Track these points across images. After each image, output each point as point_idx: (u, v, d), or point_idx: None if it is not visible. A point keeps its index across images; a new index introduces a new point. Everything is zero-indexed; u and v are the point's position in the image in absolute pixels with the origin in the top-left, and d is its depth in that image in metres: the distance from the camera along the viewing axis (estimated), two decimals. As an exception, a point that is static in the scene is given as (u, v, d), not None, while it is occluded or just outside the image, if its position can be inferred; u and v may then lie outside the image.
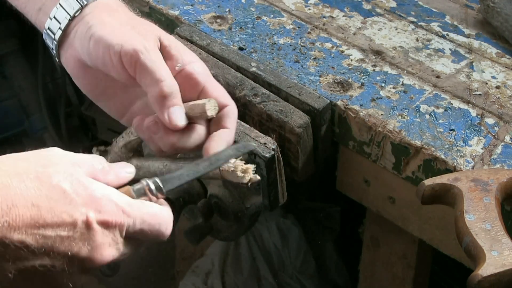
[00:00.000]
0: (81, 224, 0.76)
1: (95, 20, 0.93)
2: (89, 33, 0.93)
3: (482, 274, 0.88)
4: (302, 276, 1.79)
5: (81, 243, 0.77)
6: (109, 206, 0.78)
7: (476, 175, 0.99)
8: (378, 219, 1.37)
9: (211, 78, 0.96)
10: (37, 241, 0.74)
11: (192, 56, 0.96)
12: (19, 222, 0.72)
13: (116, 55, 0.91)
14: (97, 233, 0.78)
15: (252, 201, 1.18)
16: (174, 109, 0.90)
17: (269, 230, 1.80)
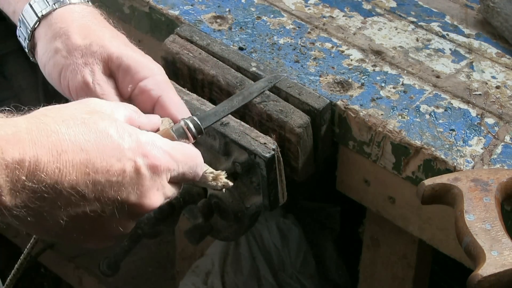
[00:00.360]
0: (130, 169, 0.77)
1: (55, 37, 0.94)
2: (48, 55, 0.94)
3: (482, 274, 0.88)
4: (302, 276, 1.79)
5: (130, 188, 0.77)
6: (156, 151, 0.79)
7: (476, 175, 0.99)
8: (378, 219, 1.37)
9: (167, 92, 0.95)
10: (87, 187, 0.74)
11: (147, 69, 0.95)
12: (69, 168, 0.73)
13: (66, 88, 0.93)
14: (146, 178, 0.79)
15: (252, 201, 1.18)
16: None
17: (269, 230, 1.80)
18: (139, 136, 0.79)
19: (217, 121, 0.92)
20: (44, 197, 0.71)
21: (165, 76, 0.95)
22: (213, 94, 1.23)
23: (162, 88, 0.94)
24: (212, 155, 1.19)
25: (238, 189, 1.18)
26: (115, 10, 1.41)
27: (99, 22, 0.97)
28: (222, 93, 1.21)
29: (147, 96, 0.92)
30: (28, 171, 0.70)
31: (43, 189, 0.71)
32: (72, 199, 0.74)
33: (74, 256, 2.06)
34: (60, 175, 0.72)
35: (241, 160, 1.14)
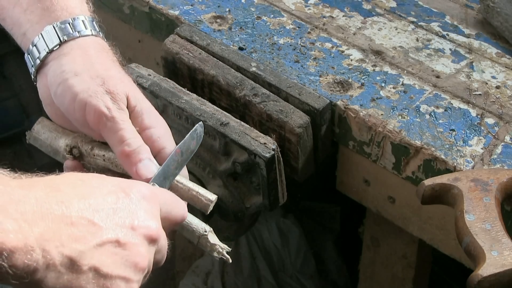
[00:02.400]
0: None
1: (69, 66, 0.94)
2: (60, 78, 0.93)
3: (482, 274, 0.88)
4: (302, 276, 1.79)
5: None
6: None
7: (476, 175, 0.99)
8: (378, 219, 1.37)
9: (170, 144, 0.96)
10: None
11: (155, 119, 0.96)
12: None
13: (80, 111, 0.92)
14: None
15: (252, 201, 1.18)
16: (141, 165, 0.91)
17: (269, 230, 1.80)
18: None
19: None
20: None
21: (168, 128, 0.97)
22: (213, 94, 1.23)
23: (166, 141, 0.95)
24: (212, 155, 1.19)
25: (238, 189, 1.18)
26: (115, 10, 1.41)
27: (116, 59, 1.00)
28: (222, 93, 1.21)
29: (151, 144, 0.94)
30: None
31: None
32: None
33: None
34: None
35: (241, 160, 1.14)
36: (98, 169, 0.95)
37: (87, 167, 0.96)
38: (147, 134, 0.94)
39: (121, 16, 1.41)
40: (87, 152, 0.95)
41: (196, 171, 1.21)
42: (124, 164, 0.92)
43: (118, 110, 0.92)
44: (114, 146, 0.92)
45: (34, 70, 0.97)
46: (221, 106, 1.22)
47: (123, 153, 0.91)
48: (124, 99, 0.93)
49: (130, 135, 0.91)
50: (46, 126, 0.98)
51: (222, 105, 1.22)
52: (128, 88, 0.95)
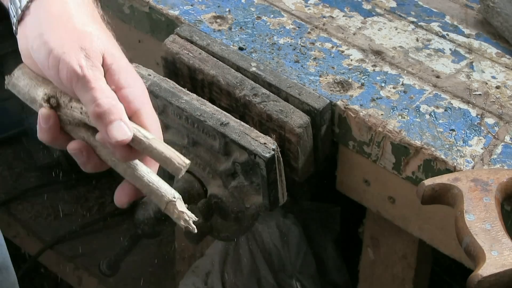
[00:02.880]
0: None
1: (46, 19, 0.93)
2: (36, 32, 0.92)
3: (482, 274, 0.88)
4: (302, 276, 1.79)
5: None
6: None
7: (476, 175, 0.99)
8: (378, 219, 1.37)
9: (146, 106, 0.93)
10: None
11: (132, 79, 0.93)
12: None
13: (54, 68, 0.90)
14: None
15: (252, 201, 1.18)
16: (111, 127, 0.89)
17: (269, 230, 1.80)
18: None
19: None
20: None
21: (145, 89, 0.95)
22: (213, 94, 1.23)
23: (142, 102, 0.92)
24: (212, 155, 1.19)
25: (238, 189, 1.18)
26: (115, 10, 1.41)
27: (97, 14, 0.97)
28: (222, 93, 1.21)
29: (126, 105, 0.91)
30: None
31: None
32: None
33: (74, 256, 2.06)
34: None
35: (241, 160, 1.14)
36: (74, 122, 0.93)
37: (63, 119, 0.93)
38: (122, 93, 0.91)
39: (121, 16, 1.41)
40: (64, 103, 0.93)
41: (196, 171, 1.21)
42: (96, 126, 0.90)
43: (91, 68, 0.89)
44: (86, 106, 0.90)
45: (16, 21, 0.95)
46: (221, 106, 1.22)
47: (94, 113, 0.89)
48: (100, 56, 0.91)
49: (102, 95, 0.89)
50: (27, 73, 0.96)
51: (222, 105, 1.22)
52: (105, 45, 0.92)
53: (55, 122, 0.93)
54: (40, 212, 2.15)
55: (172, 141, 1.22)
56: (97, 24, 0.94)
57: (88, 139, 0.93)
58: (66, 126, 0.94)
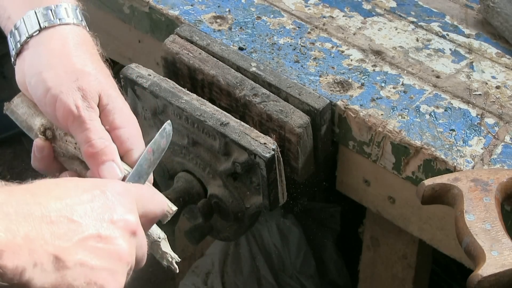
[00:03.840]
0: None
1: (45, 57, 0.93)
2: (35, 69, 0.93)
3: (482, 274, 0.88)
4: (302, 276, 1.79)
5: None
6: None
7: (476, 175, 0.99)
8: (378, 219, 1.37)
9: (139, 146, 0.95)
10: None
11: (126, 120, 0.95)
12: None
13: (51, 106, 0.91)
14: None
15: (252, 201, 1.18)
16: (103, 167, 0.90)
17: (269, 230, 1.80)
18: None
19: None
20: None
21: (139, 129, 0.96)
22: (213, 94, 1.23)
23: (135, 142, 0.94)
24: (212, 155, 1.19)
25: (238, 189, 1.18)
26: (115, 10, 1.41)
27: (96, 52, 0.98)
28: (222, 93, 1.21)
29: (119, 145, 0.93)
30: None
31: None
32: None
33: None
34: None
35: (241, 160, 1.14)
36: (68, 155, 0.94)
37: (57, 151, 0.95)
38: (116, 134, 0.93)
39: (121, 16, 1.41)
40: (60, 136, 0.94)
41: (196, 171, 1.21)
42: (89, 164, 0.92)
43: (87, 108, 0.91)
44: (80, 145, 0.92)
45: (15, 54, 0.96)
46: (221, 106, 1.22)
47: (87, 153, 0.91)
48: (96, 97, 0.92)
49: (95, 136, 0.91)
50: (26, 102, 0.97)
51: (222, 105, 1.22)
52: (102, 85, 0.93)
53: (48, 153, 0.96)
54: (40, 212, 2.15)
55: (172, 141, 1.22)
56: (95, 63, 0.96)
57: (80, 172, 0.96)
58: (60, 157, 0.97)
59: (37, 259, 0.70)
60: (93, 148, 0.90)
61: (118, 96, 0.95)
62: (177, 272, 0.93)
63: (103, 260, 0.75)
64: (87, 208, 0.75)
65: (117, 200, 0.79)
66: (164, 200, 0.89)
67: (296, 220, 1.82)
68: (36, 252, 0.70)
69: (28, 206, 0.71)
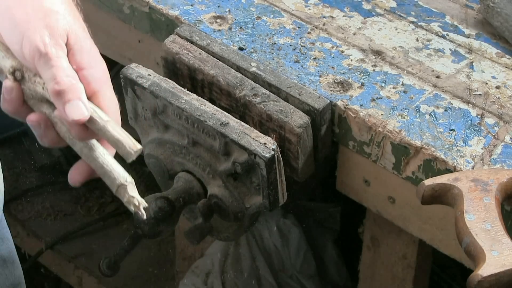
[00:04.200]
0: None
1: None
2: (4, 5, 0.93)
3: (482, 274, 0.88)
4: (302, 276, 1.79)
5: None
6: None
7: (476, 175, 0.99)
8: (378, 219, 1.37)
9: (106, 87, 0.94)
10: None
11: (93, 60, 0.94)
12: None
13: (18, 43, 0.91)
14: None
15: (252, 201, 1.18)
16: (69, 105, 0.89)
17: (269, 230, 1.80)
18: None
19: None
20: None
21: (106, 71, 0.95)
22: (213, 94, 1.23)
23: (102, 83, 0.93)
24: (212, 155, 1.19)
25: (238, 189, 1.18)
26: (115, 10, 1.41)
27: None
28: (222, 93, 1.21)
29: (86, 86, 0.91)
30: None
31: None
32: None
33: (74, 256, 2.06)
34: None
35: (241, 160, 1.14)
36: (37, 96, 0.93)
37: (26, 93, 0.94)
38: (83, 74, 0.92)
39: (121, 16, 1.41)
40: (29, 77, 0.93)
41: (196, 171, 1.21)
42: (55, 103, 0.91)
43: (54, 46, 0.90)
44: (47, 83, 0.91)
45: None
46: (221, 106, 1.22)
47: (53, 91, 0.89)
48: (64, 35, 0.91)
49: (62, 73, 0.90)
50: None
51: (222, 105, 1.22)
52: (70, 24, 0.93)
53: (17, 95, 0.94)
54: (40, 212, 2.15)
55: (172, 141, 1.22)
56: (65, 4, 0.95)
57: (49, 115, 0.94)
58: (29, 100, 0.95)
59: None
60: (59, 86, 0.89)
61: (87, 38, 0.94)
62: (144, 218, 0.91)
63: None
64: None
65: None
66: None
67: (296, 220, 1.82)
68: None
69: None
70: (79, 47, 0.92)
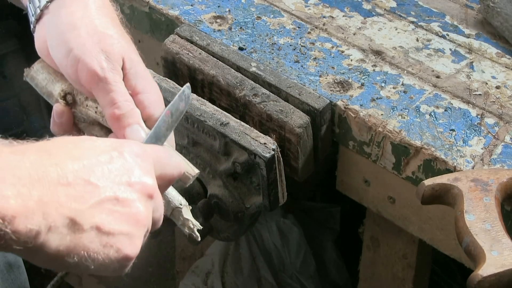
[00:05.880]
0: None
1: (67, 19, 0.92)
2: (57, 30, 0.92)
3: (482, 274, 0.88)
4: (302, 276, 1.79)
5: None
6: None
7: (476, 175, 0.99)
8: (378, 219, 1.37)
9: (160, 111, 0.94)
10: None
11: (149, 85, 0.94)
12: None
13: (73, 67, 0.90)
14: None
15: (252, 201, 1.18)
16: (129, 130, 0.90)
17: (269, 230, 1.80)
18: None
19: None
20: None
21: (161, 95, 0.95)
22: (213, 94, 1.23)
23: (157, 108, 0.94)
24: (212, 155, 1.19)
25: (238, 189, 1.18)
26: (115, 10, 1.41)
27: (116, 17, 0.97)
28: (222, 93, 1.21)
29: (142, 109, 0.92)
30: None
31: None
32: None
33: (74, 256, 2.06)
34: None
35: (241, 160, 1.14)
36: (88, 120, 0.93)
37: (77, 116, 0.94)
38: (139, 98, 0.92)
39: (121, 16, 1.41)
40: (80, 100, 0.93)
41: (196, 171, 1.21)
42: (113, 127, 0.90)
43: (111, 70, 0.90)
44: (105, 107, 0.90)
45: (34, 20, 0.95)
46: (221, 106, 1.22)
47: (112, 116, 0.89)
48: (120, 60, 0.91)
49: (121, 98, 0.90)
50: (46, 68, 0.96)
51: (222, 105, 1.22)
52: (124, 49, 0.93)
53: (68, 118, 0.94)
54: (40, 212, 2.15)
55: (172, 141, 1.22)
56: (117, 28, 0.95)
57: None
58: (80, 123, 0.95)
59: (51, 222, 0.69)
60: (119, 110, 0.89)
61: (140, 61, 0.94)
62: (198, 241, 0.91)
63: (120, 223, 0.74)
64: (105, 169, 0.74)
65: (135, 162, 0.77)
66: (181, 161, 0.88)
67: (296, 220, 1.82)
68: (50, 215, 0.69)
69: (43, 167, 0.70)
70: (134, 71, 0.93)
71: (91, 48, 0.90)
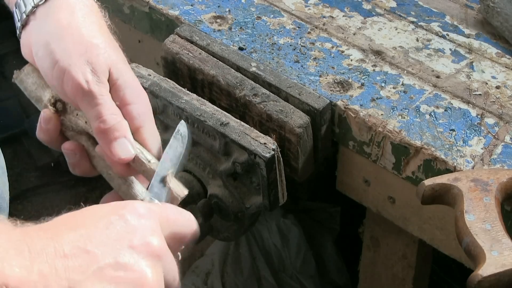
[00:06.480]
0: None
1: (52, 27, 0.90)
2: (43, 40, 0.90)
3: (482, 274, 0.88)
4: (302, 276, 1.79)
5: None
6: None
7: (476, 175, 0.99)
8: (378, 219, 1.37)
9: (149, 123, 0.92)
10: None
11: (137, 95, 0.92)
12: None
13: (58, 79, 0.88)
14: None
15: (252, 201, 1.18)
16: (115, 144, 0.88)
17: (269, 230, 1.80)
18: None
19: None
20: None
21: (149, 105, 0.93)
22: (213, 94, 1.23)
23: (145, 119, 0.91)
24: (212, 155, 1.19)
25: (238, 189, 1.18)
26: (115, 10, 1.41)
27: (104, 24, 0.94)
28: (222, 93, 1.21)
29: (130, 121, 0.90)
30: None
31: None
32: None
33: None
34: None
35: (241, 160, 1.14)
36: (77, 129, 0.92)
37: (66, 124, 0.92)
38: (127, 110, 0.90)
39: (121, 16, 1.41)
40: (70, 109, 0.91)
41: (196, 171, 1.21)
42: (99, 141, 0.89)
43: (97, 83, 0.87)
44: (91, 121, 0.89)
45: (20, 25, 0.93)
46: (221, 106, 1.22)
47: (98, 130, 0.87)
48: (106, 71, 0.89)
49: (107, 111, 0.88)
50: (37, 71, 0.93)
51: (222, 105, 1.22)
52: (111, 58, 0.90)
53: (55, 125, 0.93)
54: (40, 212, 2.15)
55: (172, 141, 1.22)
56: (105, 36, 0.93)
57: (88, 148, 0.92)
58: (67, 131, 0.93)
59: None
60: (104, 124, 0.87)
61: (128, 71, 0.92)
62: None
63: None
64: (103, 236, 0.72)
65: (138, 223, 0.74)
66: (192, 218, 0.84)
67: (296, 220, 1.82)
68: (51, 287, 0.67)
69: (41, 241, 0.69)
70: (121, 82, 0.90)
71: (76, 60, 0.88)
